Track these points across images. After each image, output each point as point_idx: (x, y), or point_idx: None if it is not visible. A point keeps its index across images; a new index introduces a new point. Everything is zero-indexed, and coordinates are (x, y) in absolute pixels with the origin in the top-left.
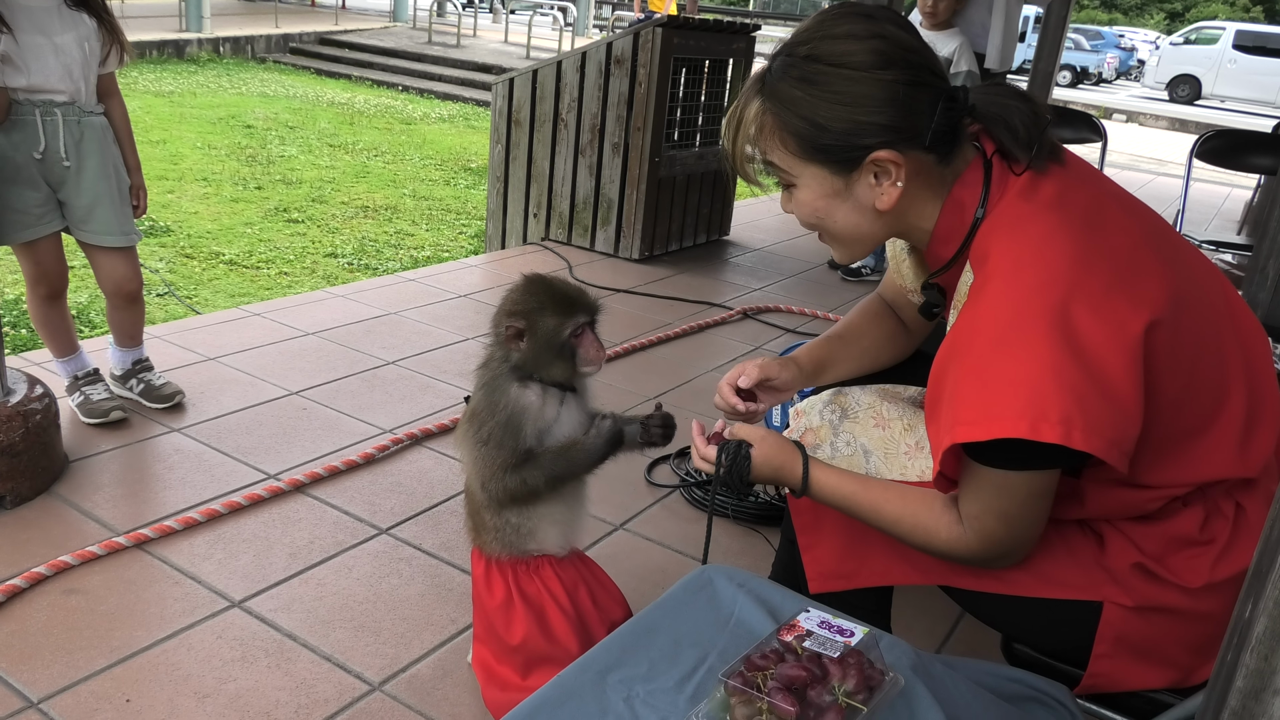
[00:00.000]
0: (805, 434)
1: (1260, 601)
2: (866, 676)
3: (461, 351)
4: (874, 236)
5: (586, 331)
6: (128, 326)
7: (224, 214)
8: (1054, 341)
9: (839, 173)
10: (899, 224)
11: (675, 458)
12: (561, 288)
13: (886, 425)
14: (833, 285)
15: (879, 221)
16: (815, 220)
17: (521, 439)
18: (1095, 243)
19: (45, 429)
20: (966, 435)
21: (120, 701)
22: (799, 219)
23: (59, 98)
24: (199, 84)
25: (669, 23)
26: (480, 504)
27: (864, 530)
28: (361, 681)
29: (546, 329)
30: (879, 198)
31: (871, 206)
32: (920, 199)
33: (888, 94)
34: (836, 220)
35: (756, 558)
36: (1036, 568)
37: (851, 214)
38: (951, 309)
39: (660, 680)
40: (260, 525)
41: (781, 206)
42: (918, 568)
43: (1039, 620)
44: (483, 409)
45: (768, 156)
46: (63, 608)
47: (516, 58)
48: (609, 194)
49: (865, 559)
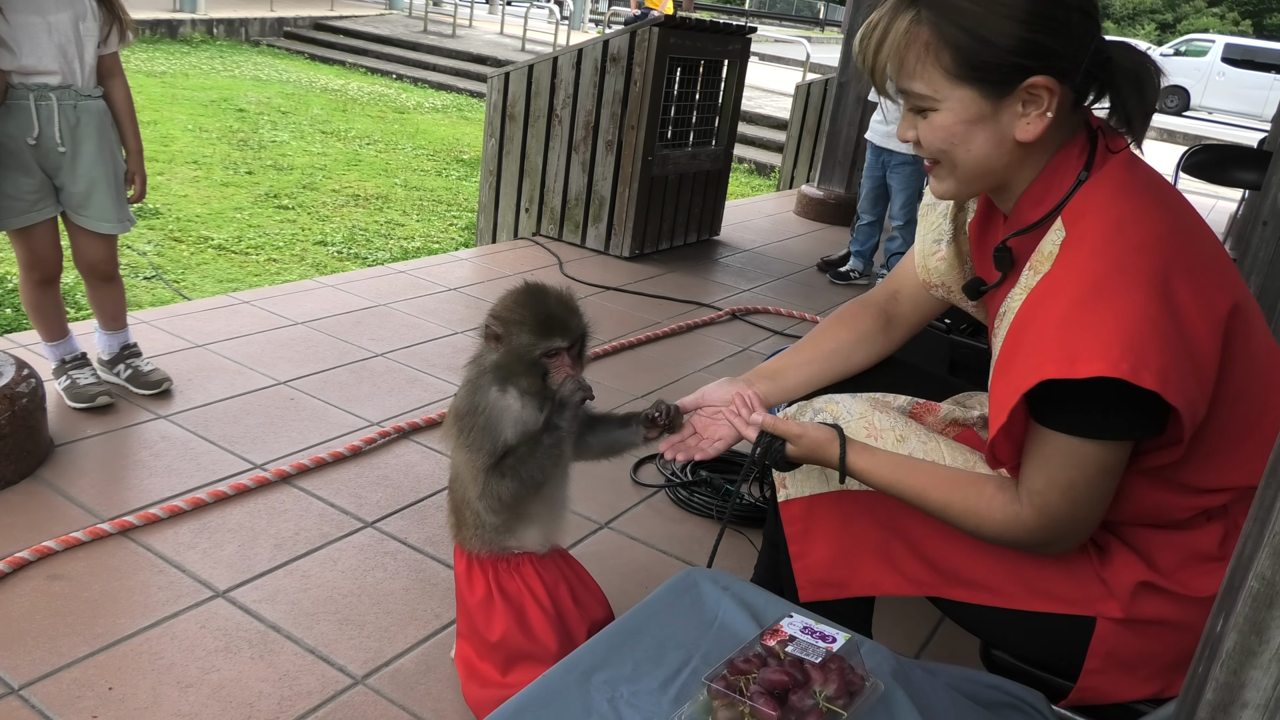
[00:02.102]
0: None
1: (1231, 617)
2: (847, 682)
3: (450, 345)
4: (993, 174)
5: (562, 355)
6: (108, 307)
7: (214, 198)
8: (1154, 296)
9: (990, 95)
10: (1018, 166)
11: (660, 457)
12: (550, 307)
13: (879, 436)
14: (821, 288)
15: (1007, 157)
16: (946, 147)
17: (500, 442)
18: (1187, 225)
19: (31, 413)
20: (1057, 372)
21: (103, 689)
22: (924, 143)
23: (53, 80)
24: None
25: (666, 22)
26: (461, 500)
27: (856, 539)
28: (344, 675)
29: (520, 343)
30: (1023, 128)
31: (1011, 138)
32: (1041, 145)
33: (1062, 15)
34: (971, 149)
35: (741, 559)
36: (1029, 579)
37: (988, 143)
38: (1027, 269)
39: (644, 682)
40: (246, 515)
41: (899, 132)
42: (910, 579)
43: (1028, 633)
44: (465, 409)
45: (912, 76)
46: (46, 594)
47: (512, 50)
48: (601, 191)
49: (856, 569)
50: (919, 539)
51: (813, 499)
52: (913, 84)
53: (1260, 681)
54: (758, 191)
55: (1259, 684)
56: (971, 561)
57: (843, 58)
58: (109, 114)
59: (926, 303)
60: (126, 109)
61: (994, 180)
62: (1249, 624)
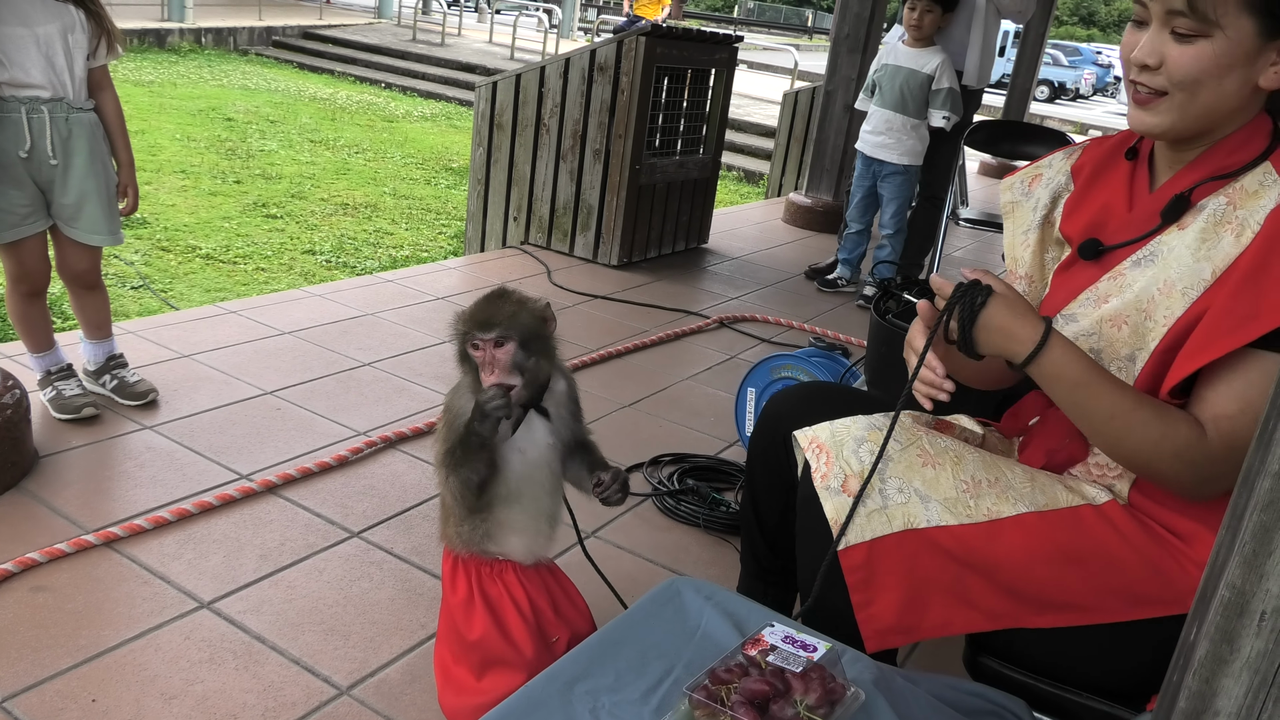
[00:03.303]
0: (847, 481)
1: (1203, 625)
2: (828, 691)
3: (437, 355)
4: (1219, 117)
5: (485, 350)
6: (92, 315)
7: (202, 207)
8: None
9: (1265, 34)
10: (1237, 113)
11: (648, 465)
12: (485, 301)
13: (936, 463)
14: (809, 295)
15: (1242, 101)
16: (1199, 78)
17: (456, 437)
18: None
19: (16, 424)
20: None
21: (86, 701)
22: (1171, 70)
23: (43, 93)
24: (179, 74)
25: (652, 32)
26: (448, 503)
27: (924, 580)
28: (329, 685)
29: (453, 334)
30: (1269, 75)
31: (1254, 83)
32: (1254, 102)
33: None
34: (1222, 86)
35: (726, 567)
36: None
37: (1233, 84)
38: (1215, 210)
39: (626, 692)
40: (231, 526)
41: (1138, 54)
42: (986, 613)
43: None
44: (444, 410)
45: None
46: (29, 605)
47: (501, 58)
48: (589, 200)
49: (926, 610)
50: (999, 568)
51: (874, 543)
52: (1206, 3)
53: (1232, 690)
54: (746, 199)
55: (1230, 692)
56: (1060, 581)
57: (830, 65)
58: (100, 127)
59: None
60: (117, 121)
61: (1214, 123)
62: (1220, 633)
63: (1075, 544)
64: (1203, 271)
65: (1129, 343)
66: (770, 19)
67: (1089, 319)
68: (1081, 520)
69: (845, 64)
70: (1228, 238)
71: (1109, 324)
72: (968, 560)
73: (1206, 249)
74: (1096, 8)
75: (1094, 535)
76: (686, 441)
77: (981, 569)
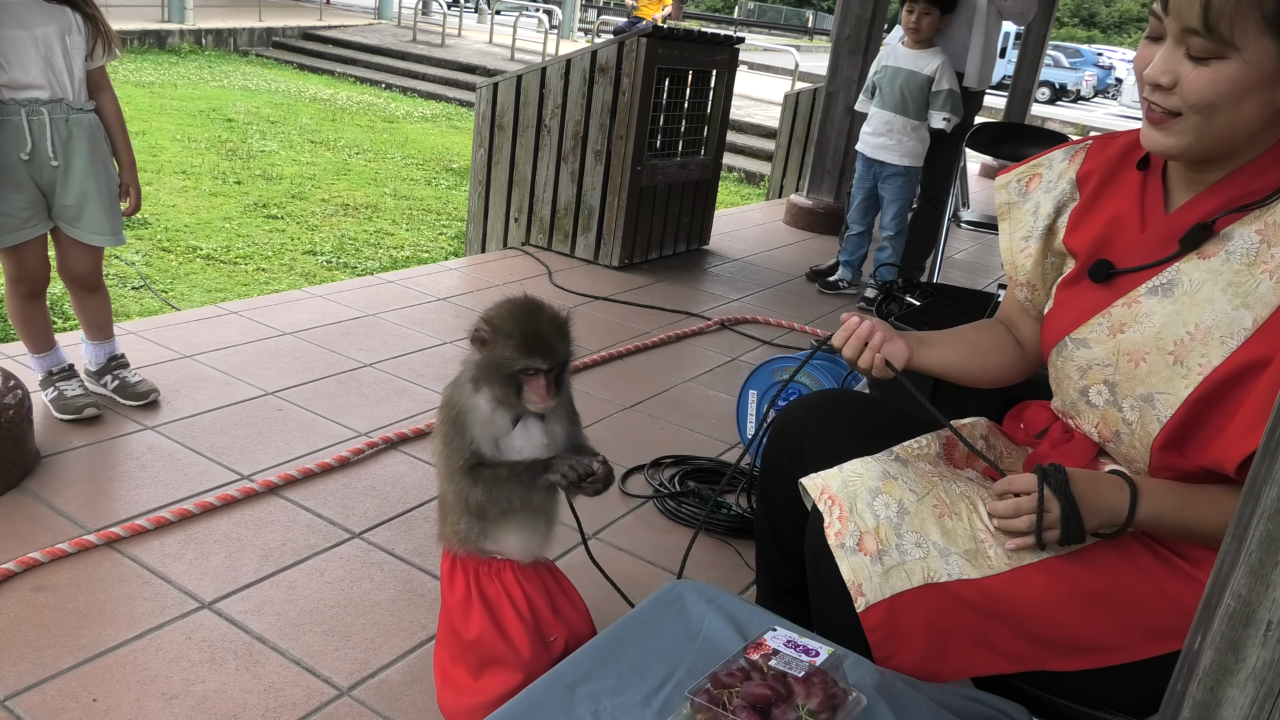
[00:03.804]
0: (863, 539)
1: (1208, 635)
2: (830, 695)
3: (439, 355)
4: (1237, 141)
5: (539, 376)
6: (93, 316)
7: (202, 208)
8: None
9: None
10: (1258, 137)
11: (649, 467)
12: (540, 326)
13: (953, 513)
14: (810, 297)
15: (1259, 124)
16: (1218, 101)
17: (468, 441)
18: None
19: (17, 424)
20: None
21: (87, 701)
22: (1187, 92)
23: (43, 95)
24: (180, 75)
25: (653, 33)
26: (441, 495)
27: (946, 630)
28: (330, 686)
29: (502, 355)
30: None
31: (1277, 106)
32: (1278, 122)
33: None
34: (1240, 109)
35: (728, 570)
36: (1145, 624)
37: (1256, 105)
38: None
39: (628, 695)
40: (232, 526)
41: (1151, 72)
42: (1010, 657)
43: (1149, 682)
44: (444, 404)
45: (1220, 14)
46: (31, 605)
47: (501, 59)
48: (590, 201)
49: (948, 657)
50: (1023, 616)
51: (893, 600)
52: (1225, 24)
53: (1237, 700)
54: (747, 200)
55: (1236, 702)
56: (1084, 624)
57: (831, 67)
58: (101, 127)
59: (1034, 321)
60: (117, 121)
61: (1232, 147)
62: (1225, 642)
63: (1097, 584)
64: (1243, 320)
65: (1148, 382)
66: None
67: (1103, 347)
68: (1099, 557)
69: (846, 65)
70: (1266, 281)
71: (1126, 357)
72: (991, 610)
73: (1243, 292)
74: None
75: (1113, 572)
76: (688, 443)
77: (1005, 617)
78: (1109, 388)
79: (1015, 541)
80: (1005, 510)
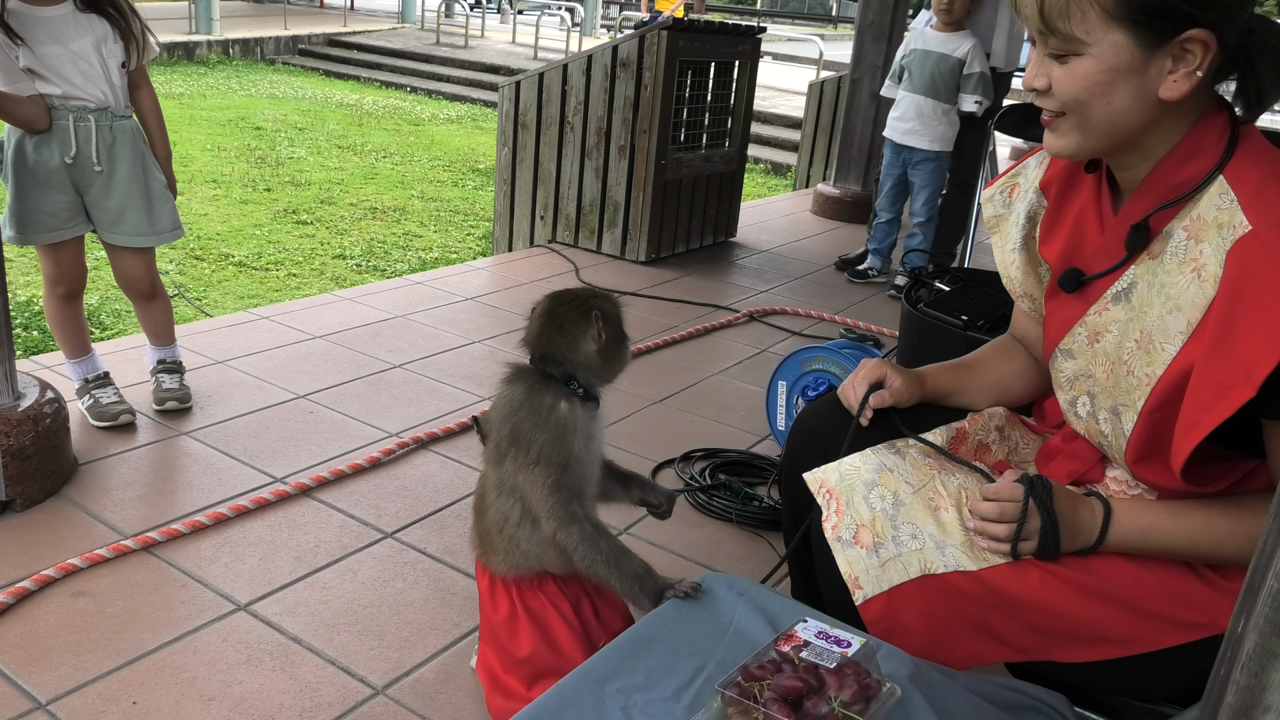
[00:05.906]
0: (859, 532)
1: (1251, 618)
2: (863, 687)
3: (468, 355)
4: (1125, 133)
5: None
6: (149, 324)
7: (233, 215)
8: None
9: (1144, 44)
10: (1153, 128)
11: (680, 461)
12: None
13: (948, 506)
14: (839, 287)
15: (1146, 116)
16: (1083, 96)
17: (571, 453)
18: None
19: (55, 433)
20: None
21: (127, 703)
22: (1058, 92)
23: (90, 104)
24: (208, 86)
25: (675, 25)
26: (494, 526)
27: (948, 621)
28: (365, 685)
29: (617, 317)
30: (1169, 85)
31: (1154, 95)
32: (1180, 110)
33: None
34: (1110, 102)
35: (759, 563)
36: (1162, 613)
37: (1129, 98)
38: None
39: (658, 689)
40: (266, 529)
41: (1027, 79)
42: (1015, 647)
43: (1167, 673)
44: (527, 427)
45: (1064, 13)
46: (71, 610)
47: (524, 58)
48: (615, 196)
49: (953, 647)
50: (1023, 608)
51: (892, 593)
52: (1063, 22)
53: None
54: (774, 191)
55: None
56: (1086, 617)
57: (855, 54)
58: (141, 131)
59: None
60: (155, 117)
61: (1123, 139)
62: (1270, 625)
63: (1094, 578)
64: (1177, 323)
65: (1113, 394)
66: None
67: (1084, 358)
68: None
69: (871, 52)
70: (1194, 283)
71: (1101, 368)
72: (991, 602)
73: (1174, 294)
74: None
75: (1111, 565)
76: (718, 437)
77: (1006, 609)
78: (1090, 399)
79: (990, 544)
80: (988, 512)
